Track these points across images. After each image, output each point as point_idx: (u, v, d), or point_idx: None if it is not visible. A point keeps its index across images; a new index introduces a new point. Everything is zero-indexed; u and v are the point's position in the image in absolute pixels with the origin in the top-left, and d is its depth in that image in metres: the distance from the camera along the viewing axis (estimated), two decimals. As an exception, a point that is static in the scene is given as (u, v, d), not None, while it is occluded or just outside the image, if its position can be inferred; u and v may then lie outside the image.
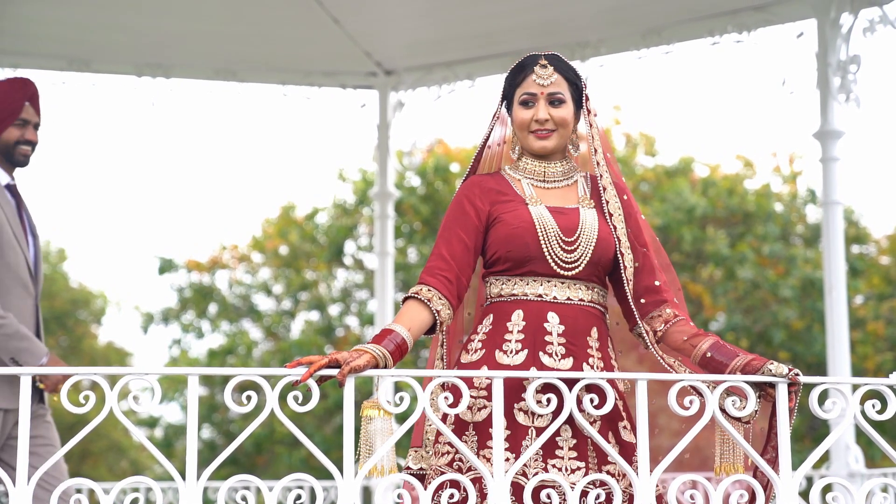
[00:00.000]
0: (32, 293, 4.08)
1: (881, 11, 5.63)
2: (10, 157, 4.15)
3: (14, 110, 4.12)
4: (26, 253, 4.07)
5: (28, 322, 4.04)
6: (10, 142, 4.13)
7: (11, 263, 4.01)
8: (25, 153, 4.16)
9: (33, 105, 4.18)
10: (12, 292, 4.00)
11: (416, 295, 2.96)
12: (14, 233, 4.04)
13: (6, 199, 4.09)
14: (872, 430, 2.81)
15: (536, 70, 3.08)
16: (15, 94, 4.15)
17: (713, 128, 21.78)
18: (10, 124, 4.12)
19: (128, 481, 2.76)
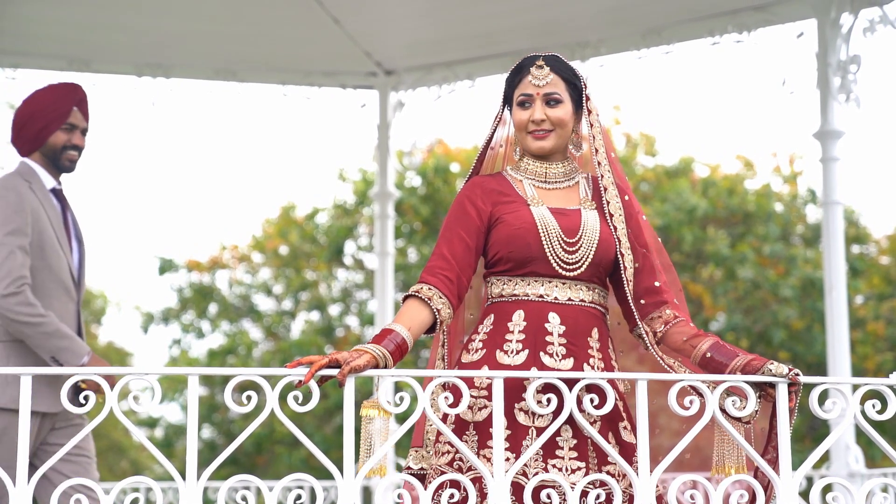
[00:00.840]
0: (74, 298, 4.08)
1: (881, 11, 5.62)
2: (57, 162, 4.14)
3: (62, 114, 4.11)
4: (69, 258, 4.07)
5: (70, 325, 4.04)
6: (56, 146, 4.12)
7: (54, 267, 4.01)
8: (72, 158, 4.15)
9: (81, 110, 4.17)
10: (54, 295, 4.01)
11: (417, 293, 2.97)
12: (57, 237, 4.05)
13: (51, 203, 4.09)
14: (872, 431, 2.81)
15: (532, 71, 3.09)
16: (63, 99, 4.14)
17: (713, 128, 21.78)
18: (58, 128, 4.11)
19: (128, 481, 2.76)
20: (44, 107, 4.11)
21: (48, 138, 4.11)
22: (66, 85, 4.19)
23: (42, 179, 4.11)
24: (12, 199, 3.98)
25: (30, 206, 3.99)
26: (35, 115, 4.11)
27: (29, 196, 4.01)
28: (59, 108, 4.11)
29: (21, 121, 4.14)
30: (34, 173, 4.10)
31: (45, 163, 4.13)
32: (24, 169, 4.11)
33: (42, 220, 4.01)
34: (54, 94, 4.15)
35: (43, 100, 4.13)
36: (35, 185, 4.07)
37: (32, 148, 4.13)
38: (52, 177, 4.15)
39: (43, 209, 4.03)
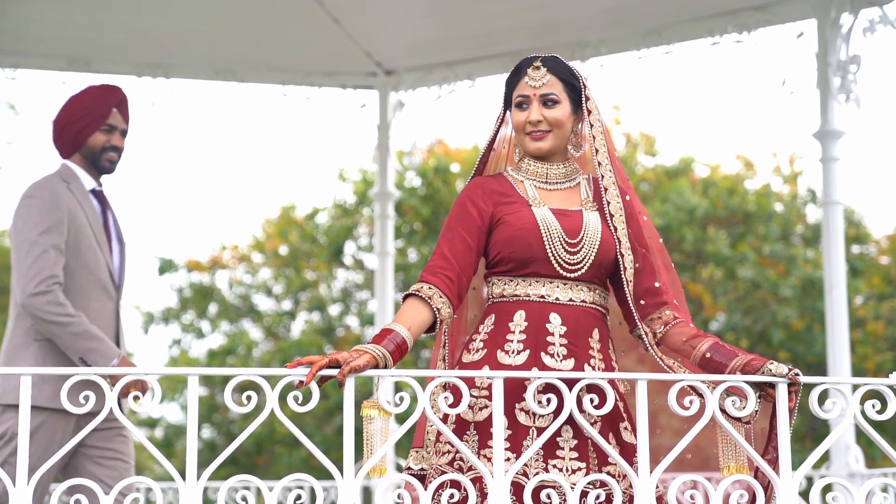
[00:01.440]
0: (113, 297, 4.09)
1: (881, 11, 5.62)
2: (97, 163, 4.16)
3: (101, 115, 4.13)
4: (108, 257, 4.09)
5: (107, 325, 4.05)
6: (96, 148, 4.14)
7: (91, 266, 4.03)
8: (111, 159, 4.17)
9: (121, 112, 4.19)
10: (91, 294, 4.02)
11: (417, 293, 2.97)
12: (96, 237, 4.06)
13: (90, 203, 4.11)
14: (872, 430, 2.81)
15: (529, 72, 3.10)
16: (102, 100, 4.15)
17: (713, 128, 21.78)
18: (97, 130, 4.13)
19: (128, 481, 2.75)
20: (83, 108, 4.14)
21: (87, 140, 4.13)
22: (105, 87, 4.21)
23: (81, 180, 4.13)
24: (48, 198, 4.00)
25: (66, 205, 4.02)
26: (74, 117, 4.13)
27: (66, 196, 4.04)
28: (98, 109, 4.13)
29: (61, 123, 4.17)
30: (73, 174, 4.13)
31: (85, 164, 4.16)
32: (63, 170, 4.14)
33: (79, 220, 4.03)
34: (93, 96, 4.17)
35: (82, 102, 4.16)
36: (73, 186, 4.09)
37: (72, 149, 4.15)
38: (92, 178, 4.17)
39: (81, 209, 4.05)
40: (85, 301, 4.00)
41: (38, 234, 3.94)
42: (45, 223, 3.96)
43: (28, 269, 3.91)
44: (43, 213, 3.98)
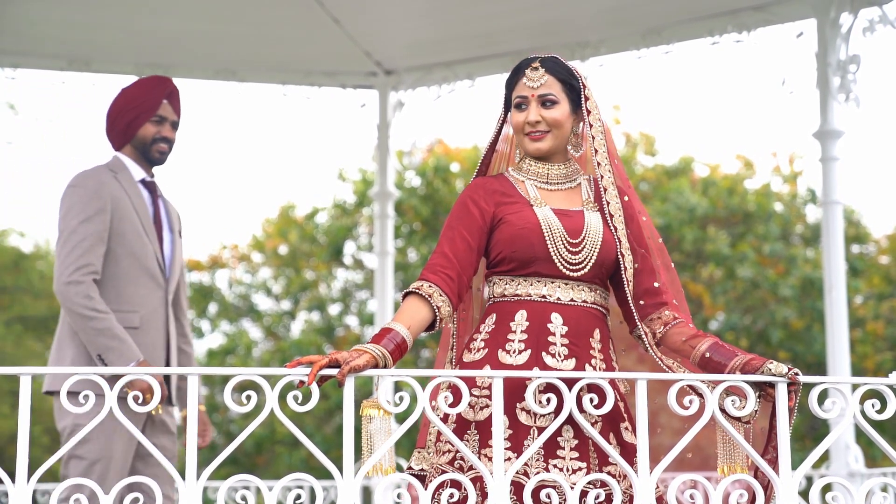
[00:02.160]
0: (162, 285, 4.10)
1: (881, 11, 5.63)
2: (147, 155, 4.18)
3: (151, 107, 4.15)
4: (156, 246, 4.10)
5: (155, 313, 4.06)
6: (146, 139, 4.16)
7: (138, 254, 4.04)
8: (161, 150, 4.19)
9: (171, 103, 4.21)
10: (139, 282, 4.04)
11: (417, 290, 2.97)
12: (143, 225, 4.07)
13: (138, 193, 4.12)
14: (872, 430, 2.81)
15: (527, 73, 3.10)
16: (152, 92, 4.17)
17: (713, 127, 21.77)
18: (147, 121, 4.15)
19: (128, 481, 2.75)
20: (133, 100, 4.16)
21: (138, 131, 4.16)
22: (155, 78, 4.24)
23: (130, 171, 4.15)
24: (90, 187, 4.03)
25: (110, 194, 4.04)
26: (125, 109, 4.16)
27: (111, 185, 4.06)
28: (148, 100, 4.15)
29: (112, 115, 4.19)
30: (123, 165, 4.15)
31: (135, 155, 4.18)
32: (112, 162, 4.17)
33: (125, 209, 4.05)
34: (143, 88, 4.19)
35: (132, 93, 4.18)
36: (121, 176, 4.11)
37: (123, 141, 4.18)
38: (143, 169, 4.19)
39: (128, 198, 4.07)
40: (132, 288, 4.02)
41: (77, 222, 3.97)
42: (86, 212, 3.99)
43: (64, 258, 3.93)
44: (84, 201, 4.00)
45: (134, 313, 4.01)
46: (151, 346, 4.03)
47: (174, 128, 4.22)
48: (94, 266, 3.94)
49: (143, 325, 4.02)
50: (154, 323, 4.05)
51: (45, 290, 16.02)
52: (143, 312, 4.02)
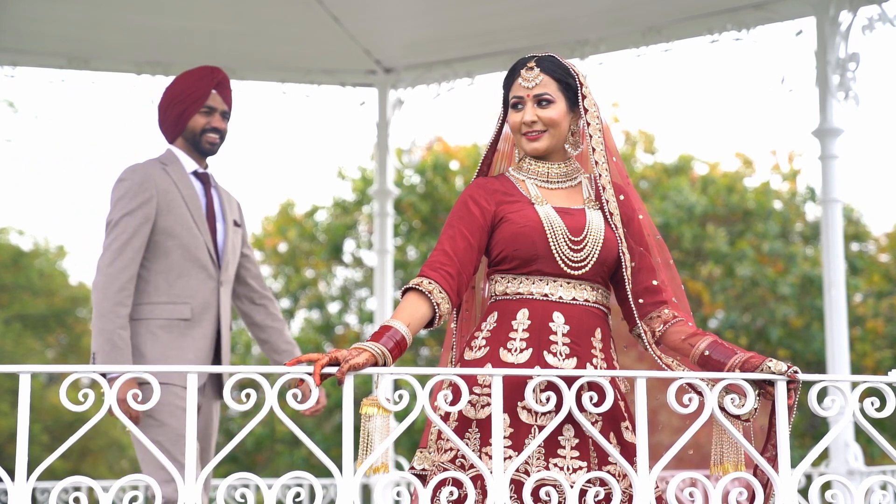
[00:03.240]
0: (214, 276, 4.10)
1: (880, 9, 5.62)
2: (198, 146, 4.18)
3: (200, 97, 4.15)
4: (207, 237, 4.09)
5: (207, 304, 4.06)
6: (196, 130, 4.16)
7: (189, 245, 4.05)
8: (212, 141, 4.18)
9: (220, 93, 4.20)
10: (190, 274, 4.04)
11: (417, 287, 2.96)
12: (193, 215, 4.07)
13: (189, 184, 4.12)
14: (871, 428, 2.81)
15: (522, 73, 3.10)
16: (200, 82, 4.17)
17: (712, 126, 21.77)
18: (197, 112, 4.15)
19: (127, 479, 2.76)
20: (182, 92, 4.16)
21: (188, 123, 4.16)
22: (203, 69, 4.23)
23: (182, 163, 4.16)
24: (137, 180, 4.05)
25: (157, 186, 4.05)
26: (174, 101, 4.17)
27: (158, 177, 4.07)
28: (196, 91, 4.15)
29: (163, 108, 4.20)
30: (175, 158, 4.16)
31: (187, 147, 4.19)
32: (165, 154, 4.18)
33: (173, 201, 4.06)
34: (191, 79, 4.19)
35: (181, 85, 4.18)
36: (172, 168, 4.12)
37: (175, 133, 4.19)
38: (195, 160, 4.19)
39: (177, 190, 4.07)
40: (183, 280, 4.03)
41: (120, 215, 4.00)
42: (129, 206, 4.01)
43: (103, 252, 3.98)
44: (130, 195, 4.02)
45: (185, 305, 4.02)
46: (202, 337, 4.03)
47: (225, 117, 4.22)
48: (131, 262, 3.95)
49: (193, 316, 4.03)
50: (206, 314, 4.06)
51: (45, 288, 16.02)
52: (193, 304, 4.03)
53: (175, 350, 3.96)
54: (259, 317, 4.32)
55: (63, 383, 2.73)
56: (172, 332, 3.99)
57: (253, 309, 4.32)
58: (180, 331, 4.00)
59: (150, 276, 4.02)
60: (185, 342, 4.00)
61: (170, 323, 4.00)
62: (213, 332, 4.08)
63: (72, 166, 23.06)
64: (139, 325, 3.99)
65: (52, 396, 14.83)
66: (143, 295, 4.01)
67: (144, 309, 4.01)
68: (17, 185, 20.90)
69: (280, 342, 4.29)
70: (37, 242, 16.68)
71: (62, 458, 13.77)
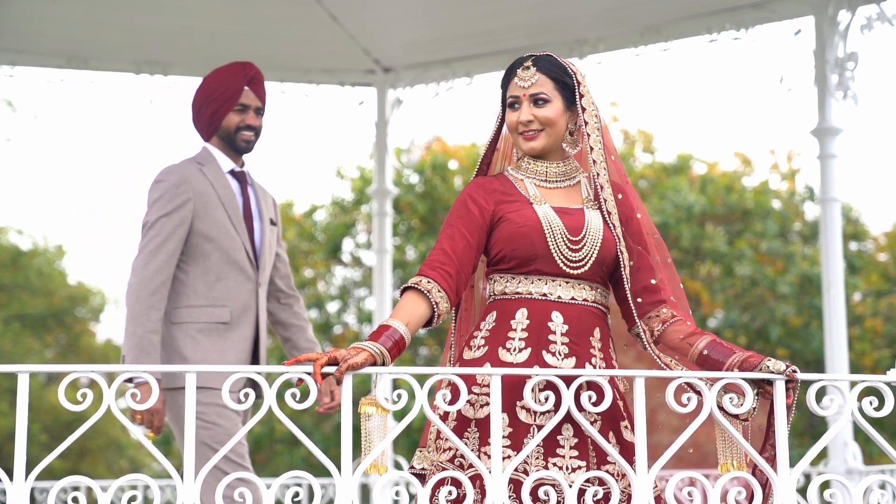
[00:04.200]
0: (252, 278, 4.04)
1: (879, 9, 5.63)
2: (233, 144, 4.11)
3: (232, 95, 4.08)
4: (244, 237, 4.03)
5: (246, 306, 4.00)
6: (230, 128, 4.09)
7: (226, 247, 3.99)
8: (247, 139, 4.11)
9: (253, 89, 4.13)
10: (228, 276, 3.99)
11: (416, 286, 2.96)
12: (230, 216, 4.01)
13: (226, 184, 4.06)
14: (870, 427, 2.81)
15: (519, 72, 3.10)
16: (232, 80, 4.10)
17: (711, 125, 21.78)
18: (230, 110, 4.08)
19: (126, 479, 2.76)
20: (214, 90, 4.09)
21: (222, 121, 4.09)
22: (235, 65, 4.16)
23: (219, 162, 4.09)
24: (174, 181, 3.99)
25: (194, 188, 3.99)
26: (207, 100, 4.09)
27: (195, 178, 4.01)
28: (228, 89, 4.08)
29: (196, 107, 4.13)
30: (211, 157, 4.10)
31: (222, 146, 4.12)
32: (200, 154, 4.12)
33: (211, 203, 4.00)
34: (223, 76, 4.11)
35: (213, 83, 4.11)
36: (208, 168, 4.06)
37: (209, 132, 4.12)
38: (231, 159, 4.12)
39: (214, 191, 4.01)
40: (222, 283, 3.97)
41: (157, 217, 3.94)
42: (165, 208, 3.95)
43: (138, 254, 3.93)
44: (167, 197, 3.96)
45: (224, 308, 3.97)
46: (241, 340, 3.98)
47: (259, 114, 4.14)
48: (166, 264, 3.90)
49: (233, 319, 3.97)
50: (245, 317, 4.00)
51: (43, 287, 16.02)
52: (233, 307, 3.97)
53: (215, 353, 3.90)
54: (284, 315, 4.27)
55: (62, 383, 2.72)
56: (212, 336, 3.93)
57: (278, 308, 4.27)
58: (220, 334, 3.94)
59: (189, 280, 3.96)
60: (225, 345, 3.93)
61: (209, 326, 3.94)
62: (252, 334, 4.02)
63: (71, 166, 23.06)
64: (178, 330, 3.94)
65: (51, 396, 14.84)
66: (181, 298, 3.95)
67: (183, 313, 3.95)
68: (17, 185, 20.90)
69: (301, 340, 4.25)
70: (36, 242, 16.68)
71: (61, 457, 13.78)
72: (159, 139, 23.15)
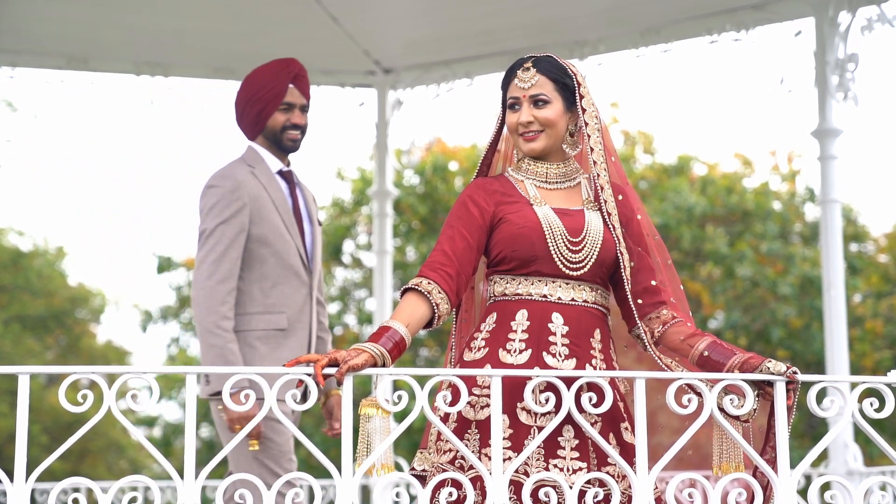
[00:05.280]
0: (306, 282, 3.96)
1: (879, 10, 5.63)
2: (280, 144, 4.01)
3: (277, 94, 3.98)
4: (298, 240, 3.95)
5: (301, 312, 3.92)
6: (276, 128, 4.00)
7: (281, 252, 3.90)
8: (293, 138, 4.02)
9: (298, 86, 4.03)
10: (284, 281, 3.90)
11: (416, 287, 2.96)
12: (284, 220, 3.93)
13: (277, 186, 3.97)
14: (871, 429, 2.81)
15: (518, 74, 3.10)
16: (276, 78, 3.99)
17: (712, 126, 21.78)
18: (275, 109, 3.99)
19: (126, 480, 2.76)
20: (258, 90, 3.99)
21: (267, 121, 3.99)
22: (278, 63, 4.04)
23: (267, 163, 4.00)
24: (228, 187, 3.89)
25: (249, 192, 3.89)
26: (251, 100, 3.99)
27: (249, 183, 3.91)
28: (273, 88, 3.97)
29: (240, 105, 4.03)
30: (259, 158, 4.00)
31: (268, 146, 4.02)
32: (248, 154, 4.02)
33: (265, 207, 3.90)
34: (267, 75, 4.00)
35: (257, 82, 4.00)
36: (258, 170, 3.96)
37: (255, 132, 4.03)
38: (278, 159, 4.03)
39: (267, 194, 3.93)
40: (278, 289, 3.87)
41: (215, 224, 3.85)
42: (224, 214, 3.86)
43: (199, 264, 3.83)
44: (222, 203, 3.87)
45: (281, 314, 3.89)
46: (298, 346, 3.90)
47: (304, 111, 4.04)
48: (230, 273, 3.82)
49: (290, 325, 3.89)
50: (300, 322, 3.92)
51: (44, 288, 16.02)
52: (289, 313, 3.89)
53: (274, 361, 3.81)
54: None
55: (62, 384, 2.72)
56: (270, 344, 3.86)
57: None
58: (277, 341, 3.87)
59: (245, 286, 3.88)
60: (283, 353, 3.85)
61: (267, 334, 3.87)
62: (307, 340, 3.94)
63: (71, 167, 23.07)
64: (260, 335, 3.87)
65: (52, 397, 14.84)
66: (238, 306, 3.87)
67: (240, 320, 3.87)
68: (17, 186, 20.90)
69: (322, 349, 4.19)
70: (36, 243, 16.68)
71: (61, 459, 13.77)
72: (159, 140, 23.16)
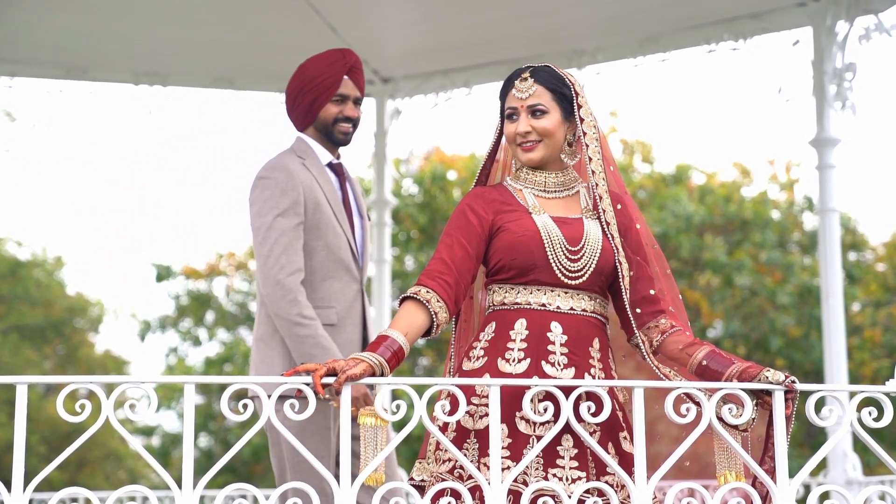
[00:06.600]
0: (357, 278, 3.86)
1: (876, 19, 5.64)
2: (331, 136, 3.92)
3: (331, 85, 3.88)
4: (349, 235, 3.86)
5: (351, 308, 3.83)
6: (328, 120, 3.90)
7: (332, 245, 3.81)
8: (345, 131, 3.92)
9: (352, 78, 3.92)
10: (335, 276, 3.81)
11: (415, 296, 2.96)
12: (335, 213, 3.84)
13: (327, 179, 3.88)
14: (869, 438, 2.81)
15: (516, 84, 3.11)
16: (331, 69, 3.90)
17: (710, 135, 21.80)
18: (328, 100, 3.89)
19: (124, 490, 2.75)
20: (312, 79, 3.89)
21: (319, 112, 3.90)
22: (333, 53, 3.95)
23: (317, 155, 3.91)
24: (281, 179, 3.79)
25: (302, 183, 3.79)
26: (304, 89, 3.91)
27: (301, 174, 3.82)
28: (327, 79, 3.89)
29: (292, 95, 3.95)
30: (309, 149, 3.91)
31: (319, 137, 3.93)
32: (298, 145, 3.93)
33: (317, 198, 3.81)
34: (322, 65, 3.91)
35: (311, 72, 3.91)
36: (309, 162, 3.87)
37: (306, 123, 3.93)
38: (329, 151, 3.94)
39: (318, 186, 3.83)
40: (328, 283, 3.78)
41: (272, 218, 3.74)
42: (280, 206, 3.75)
43: (266, 259, 3.72)
44: (277, 194, 3.76)
45: (330, 309, 3.78)
46: (348, 343, 3.80)
47: (357, 104, 3.95)
48: (299, 264, 3.71)
49: (339, 321, 3.79)
50: (350, 318, 3.82)
51: (42, 298, 16.01)
52: (339, 308, 3.79)
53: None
54: None
55: (60, 394, 2.72)
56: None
57: None
58: None
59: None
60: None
61: None
62: (359, 337, 3.84)
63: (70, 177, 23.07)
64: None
65: (50, 407, 14.82)
66: None
67: None
68: (16, 196, 20.90)
69: None
70: (35, 253, 16.68)
71: (59, 468, 13.75)
72: (158, 150, 23.17)
